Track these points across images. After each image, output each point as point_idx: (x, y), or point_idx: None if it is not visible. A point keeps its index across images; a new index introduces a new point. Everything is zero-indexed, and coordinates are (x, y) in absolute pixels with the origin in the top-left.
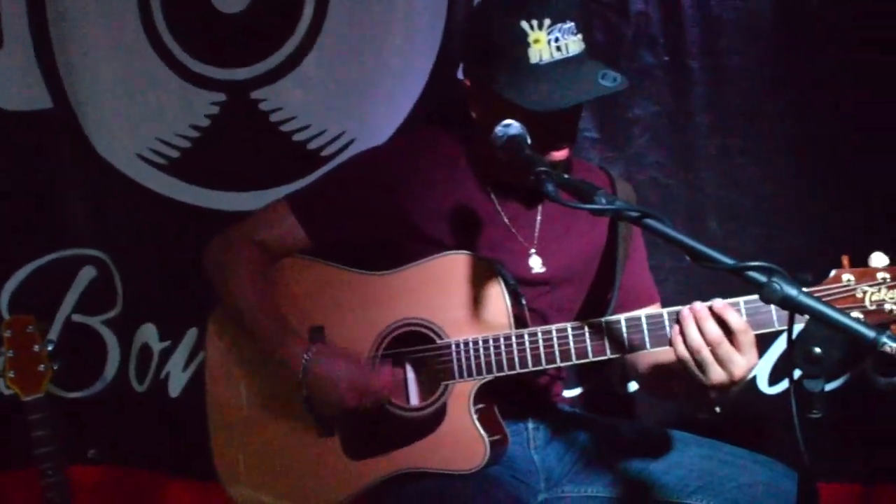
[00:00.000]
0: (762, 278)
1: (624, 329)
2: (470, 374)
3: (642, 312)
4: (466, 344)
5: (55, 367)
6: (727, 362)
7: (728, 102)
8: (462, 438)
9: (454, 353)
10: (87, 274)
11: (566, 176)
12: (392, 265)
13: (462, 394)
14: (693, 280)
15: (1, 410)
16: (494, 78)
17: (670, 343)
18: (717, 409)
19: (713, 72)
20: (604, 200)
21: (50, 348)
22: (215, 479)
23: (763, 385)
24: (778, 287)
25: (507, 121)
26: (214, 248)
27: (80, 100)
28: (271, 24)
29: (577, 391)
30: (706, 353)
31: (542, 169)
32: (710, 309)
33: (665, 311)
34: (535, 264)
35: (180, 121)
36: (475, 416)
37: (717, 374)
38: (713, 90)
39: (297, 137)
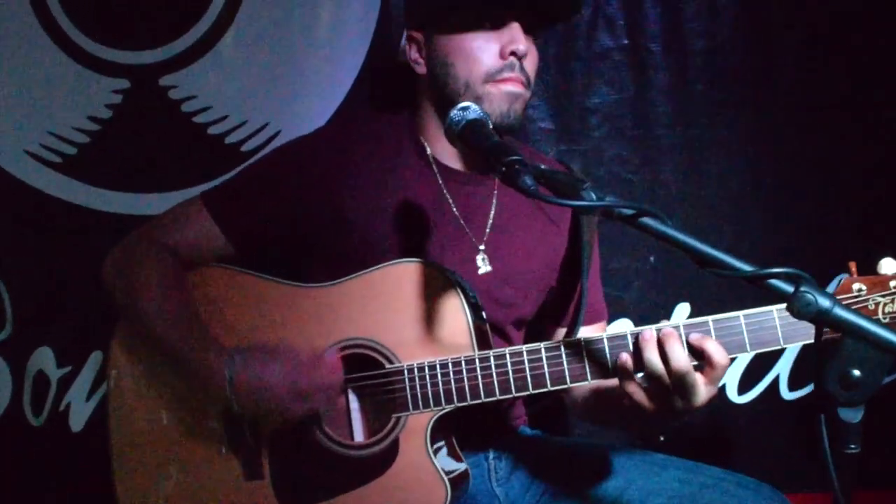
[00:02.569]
0: (789, 288)
1: (607, 349)
2: (426, 405)
3: (629, 329)
4: (421, 369)
5: None
6: (690, 392)
7: (693, 89)
8: (418, 478)
9: (407, 381)
10: None
11: (543, 167)
12: (331, 275)
13: (417, 427)
14: (660, 283)
15: None
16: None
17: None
18: (662, 438)
19: (677, 55)
20: (593, 196)
21: None
22: None
23: (732, 394)
24: (812, 298)
25: (464, 103)
26: (115, 255)
27: None
28: (179, 1)
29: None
30: (665, 382)
31: (515, 158)
32: (688, 341)
33: (653, 327)
34: (481, 263)
35: (77, 112)
36: (432, 453)
37: (674, 404)
38: (677, 76)
39: (213, 130)
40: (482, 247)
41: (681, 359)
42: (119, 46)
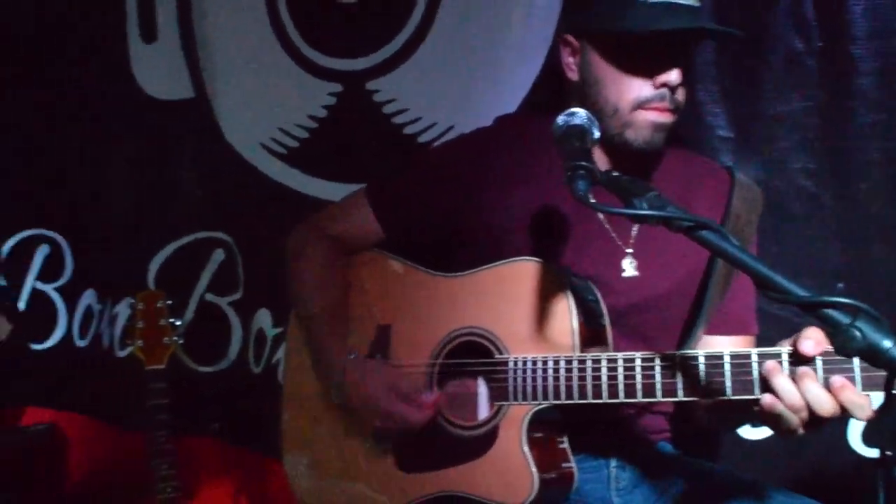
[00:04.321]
0: (844, 319)
1: (702, 368)
2: (525, 398)
3: (726, 350)
4: (525, 362)
5: (181, 342)
6: (817, 424)
7: None
8: (509, 468)
9: (511, 372)
10: (218, 257)
11: (616, 174)
12: (468, 266)
13: (516, 418)
14: None
15: (122, 376)
16: (595, 17)
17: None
18: None
19: (880, 59)
20: (645, 205)
21: (178, 324)
22: None
23: (857, 443)
24: (858, 335)
25: (573, 109)
26: (293, 237)
27: (214, 89)
28: (387, 13)
29: None
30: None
31: (580, 164)
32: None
33: (755, 351)
34: (628, 267)
35: (300, 111)
36: (527, 446)
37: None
38: (879, 82)
39: (408, 130)
40: (630, 250)
41: (825, 404)
42: (335, 55)
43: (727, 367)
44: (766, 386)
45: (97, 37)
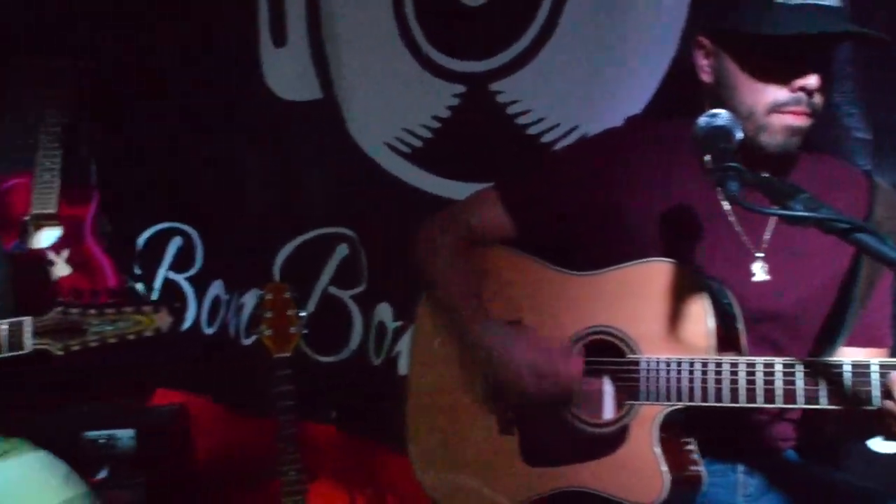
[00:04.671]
0: None
1: (848, 376)
2: (657, 398)
3: (875, 359)
4: (657, 363)
5: (305, 332)
6: None
7: None
8: (640, 468)
9: (643, 372)
10: (341, 251)
11: (766, 175)
12: (597, 264)
13: (647, 418)
14: None
15: (246, 363)
16: (733, 18)
17: None
18: None
19: None
20: (800, 206)
21: (303, 314)
22: None
23: None
24: None
25: (714, 110)
26: (423, 231)
27: (341, 91)
28: (511, 15)
29: None
30: None
31: (730, 165)
32: None
33: None
34: (759, 271)
35: (424, 111)
36: (658, 447)
37: None
38: None
39: (531, 130)
40: (760, 254)
41: None
42: (459, 57)
43: (874, 376)
44: None
45: (231, 42)
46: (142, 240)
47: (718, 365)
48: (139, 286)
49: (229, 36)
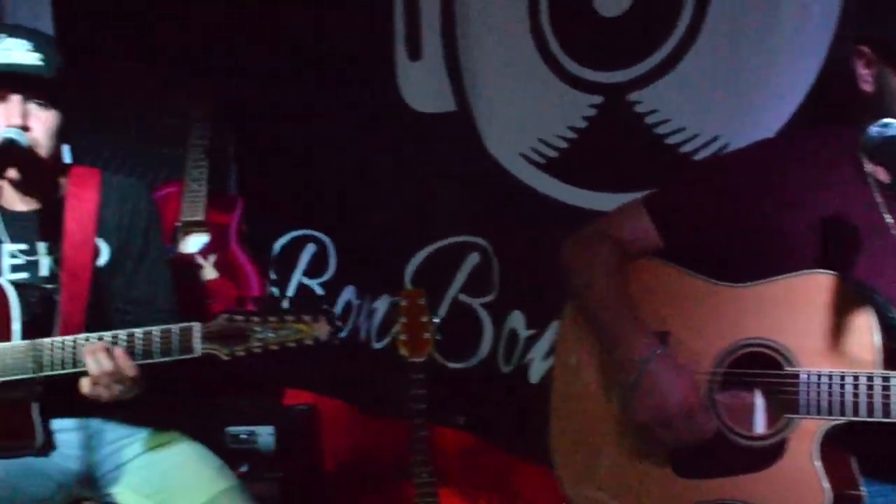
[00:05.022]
0: None
1: None
2: (818, 412)
3: None
4: (819, 376)
5: (438, 338)
6: None
7: None
8: (799, 484)
9: (803, 385)
10: (472, 260)
11: None
12: (749, 276)
13: (807, 433)
14: None
15: (385, 368)
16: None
17: None
18: None
19: None
20: None
21: (436, 321)
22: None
23: None
24: None
25: (886, 119)
26: (573, 242)
27: (476, 103)
28: (650, 25)
29: None
30: None
31: None
32: None
33: None
34: None
35: (559, 122)
36: (819, 461)
37: None
38: None
39: (670, 140)
40: None
41: None
42: (596, 68)
43: None
44: None
45: (368, 57)
46: (277, 246)
47: (885, 379)
48: (274, 290)
49: (366, 49)
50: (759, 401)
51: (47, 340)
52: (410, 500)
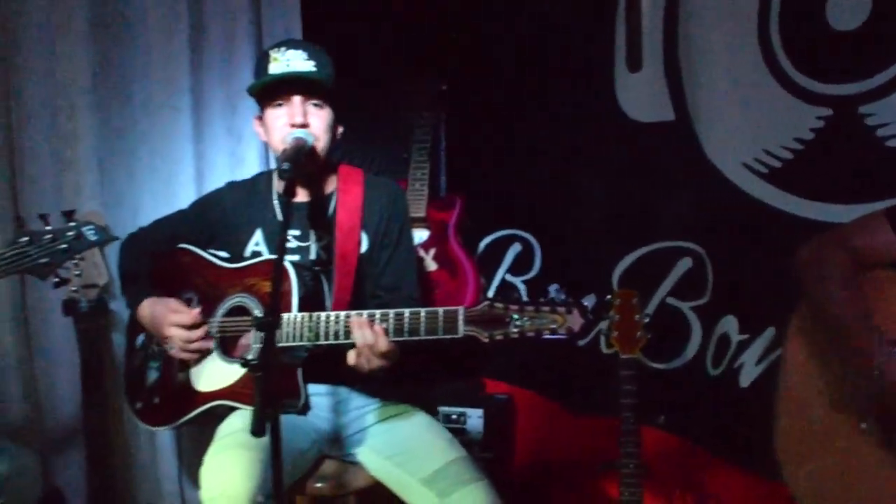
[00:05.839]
0: None
1: None
2: None
3: None
4: None
5: (647, 337)
6: None
7: None
8: None
9: None
10: (684, 264)
11: None
12: None
13: None
14: None
15: (598, 365)
16: None
17: None
18: None
19: None
20: None
21: (646, 321)
22: (767, 474)
23: None
24: None
25: None
26: (808, 249)
27: (697, 113)
28: (888, 37)
29: None
30: None
31: None
32: None
33: None
34: None
35: (785, 133)
36: None
37: None
38: None
39: None
40: None
41: None
42: (826, 80)
43: None
44: None
45: (588, 67)
46: (483, 244)
47: None
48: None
49: (586, 60)
50: None
51: (323, 314)
52: (600, 493)
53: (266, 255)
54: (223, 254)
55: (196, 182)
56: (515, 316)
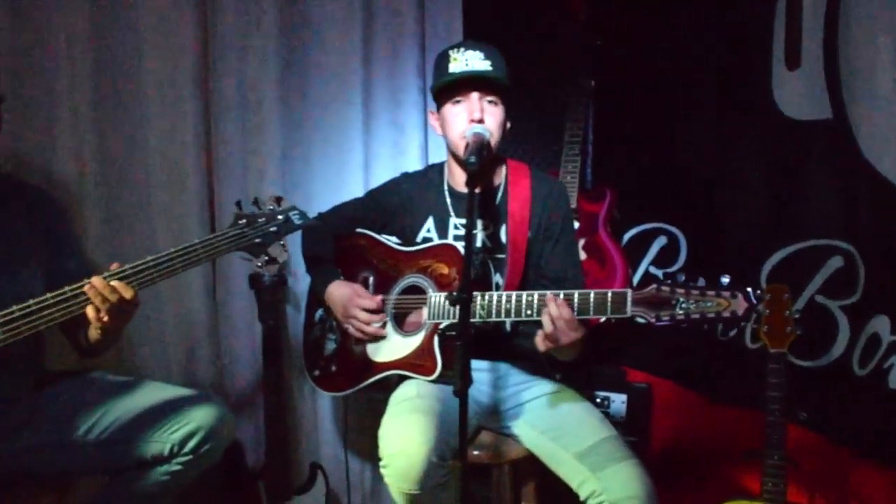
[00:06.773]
0: None
1: None
2: None
3: None
4: None
5: (798, 333)
6: None
7: None
8: None
9: None
10: (834, 263)
11: None
12: None
13: None
14: None
15: (738, 358)
16: None
17: None
18: None
19: None
20: None
21: (796, 317)
22: None
23: None
24: None
25: None
26: None
27: (856, 111)
28: None
29: None
30: None
31: None
32: None
33: None
34: None
35: None
36: None
37: None
38: None
39: None
40: None
41: None
42: None
43: None
44: None
45: (745, 63)
46: (628, 235)
47: None
48: None
49: (743, 57)
50: None
51: (495, 294)
52: (734, 484)
53: (436, 241)
54: (395, 238)
55: (363, 170)
56: (682, 299)
